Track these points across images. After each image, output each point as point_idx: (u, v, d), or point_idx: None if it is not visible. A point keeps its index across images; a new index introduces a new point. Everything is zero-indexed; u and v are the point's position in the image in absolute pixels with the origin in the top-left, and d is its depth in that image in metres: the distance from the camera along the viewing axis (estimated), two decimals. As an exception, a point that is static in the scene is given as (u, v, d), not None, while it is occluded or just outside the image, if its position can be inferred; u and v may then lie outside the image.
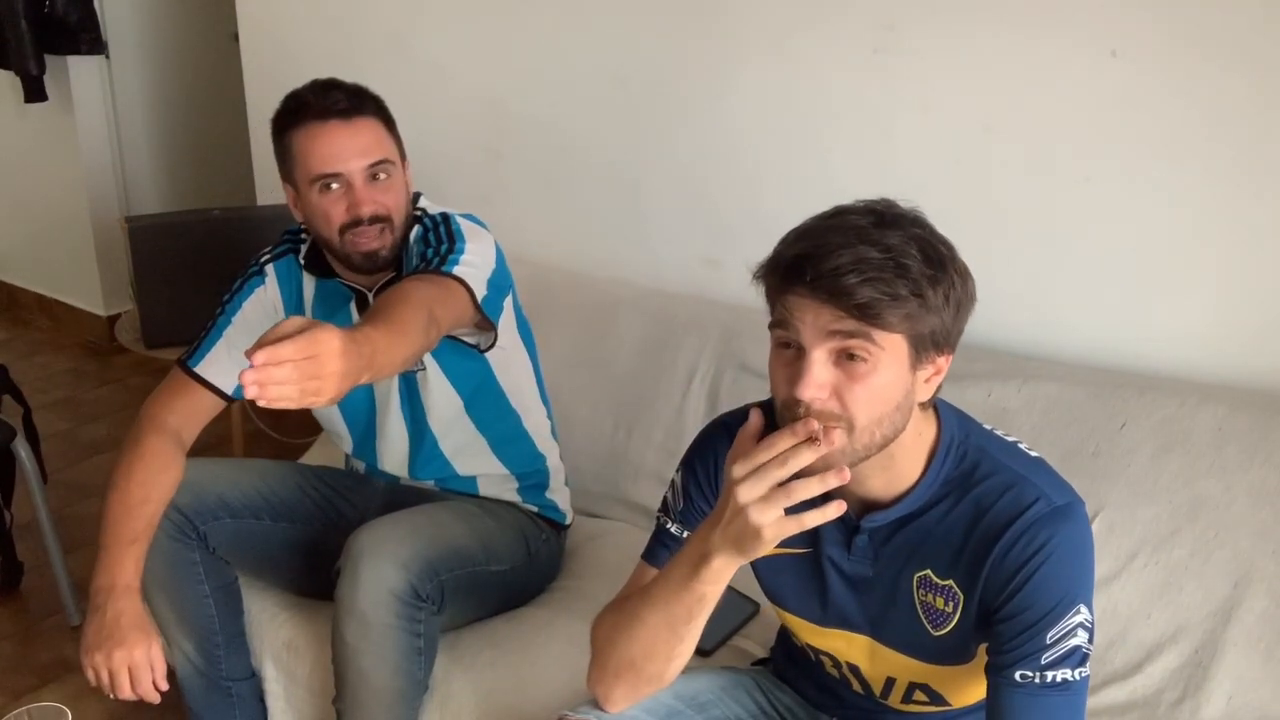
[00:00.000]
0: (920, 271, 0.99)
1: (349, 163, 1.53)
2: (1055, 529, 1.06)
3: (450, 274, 1.48)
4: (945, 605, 1.13)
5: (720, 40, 2.05)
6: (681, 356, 2.00)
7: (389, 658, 1.46)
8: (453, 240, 1.54)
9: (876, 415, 1.02)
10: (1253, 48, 1.58)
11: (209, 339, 1.65)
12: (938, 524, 1.12)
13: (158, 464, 1.55)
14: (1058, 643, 1.05)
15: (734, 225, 2.10)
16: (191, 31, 3.69)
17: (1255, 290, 1.67)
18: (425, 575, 1.47)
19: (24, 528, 2.41)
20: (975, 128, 1.82)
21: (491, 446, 1.74)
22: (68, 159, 3.53)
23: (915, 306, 0.99)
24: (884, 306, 0.98)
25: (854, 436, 1.02)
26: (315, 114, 1.53)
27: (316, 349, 1.01)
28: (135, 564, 1.50)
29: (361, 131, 1.54)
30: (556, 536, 1.80)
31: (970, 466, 1.12)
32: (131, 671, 1.45)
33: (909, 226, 1.02)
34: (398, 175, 1.58)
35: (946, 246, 1.04)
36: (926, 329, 1.01)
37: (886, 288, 0.97)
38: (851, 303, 0.98)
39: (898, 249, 0.99)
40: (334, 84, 1.57)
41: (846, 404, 1.01)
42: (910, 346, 1.02)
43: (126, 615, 1.46)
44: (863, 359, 1.00)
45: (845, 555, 1.18)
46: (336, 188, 1.53)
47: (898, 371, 1.02)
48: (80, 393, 3.39)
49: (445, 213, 1.62)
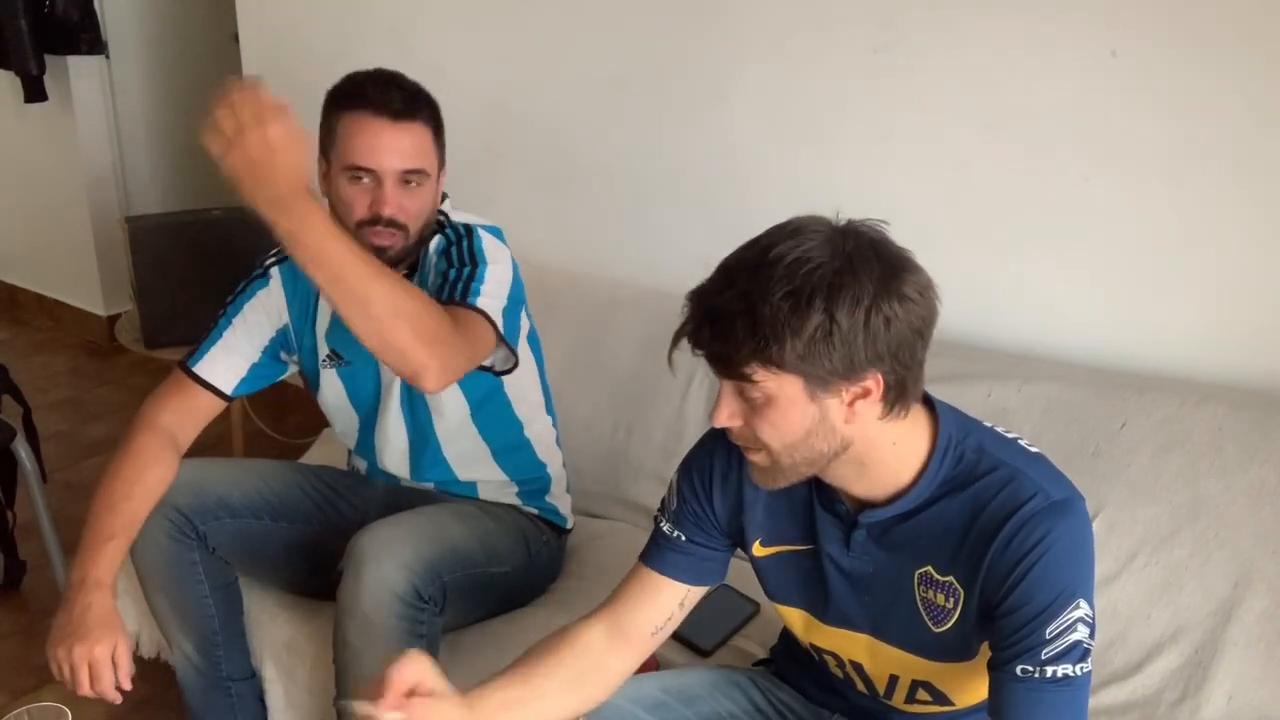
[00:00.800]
0: (775, 317, 0.99)
1: (385, 162, 1.52)
2: (1054, 523, 1.06)
3: (474, 307, 1.48)
4: (946, 601, 1.14)
5: (720, 40, 2.05)
6: (681, 357, 2.00)
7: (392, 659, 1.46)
8: (475, 263, 1.53)
9: (788, 442, 1.07)
10: (1253, 47, 1.58)
11: (209, 340, 1.65)
12: (937, 520, 1.12)
13: (144, 462, 1.56)
14: (1058, 637, 1.05)
15: (734, 225, 2.08)
16: (191, 31, 3.69)
17: (1255, 290, 1.67)
18: (428, 577, 1.47)
19: (24, 528, 2.41)
20: (975, 128, 1.82)
21: (494, 454, 1.74)
22: (68, 159, 3.53)
23: (773, 353, 1.00)
24: (729, 358, 1.02)
25: (775, 459, 1.09)
26: (369, 105, 1.52)
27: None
28: (110, 560, 1.50)
29: (406, 135, 1.53)
30: (557, 539, 1.80)
31: (969, 465, 1.12)
32: (91, 668, 1.43)
33: (793, 264, 1.00)
34: (429, 185, 1.57)
35: (842, 275, 0.99)
36: (805, 366, 1.01)
37: (730, 339, 1.01)
38: (706, 353, 1.04)
39: (757, 295, 1.00)
40: (396, 80, 1.56)
41: (755, 431, 1.07)
42: (802, 381, 1.02)
43: (93, 610, 1.45)
44: (753, 395, 1.04)
45: (844, 552, 1.18)
46: (367, 182, 1.52)
47: (795, 404, 1.04)
48: (80, 393, 3.39)
49: (469, 225, 1.61)
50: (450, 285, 1.51)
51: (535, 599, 1.76)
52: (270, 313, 1.67)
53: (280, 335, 1.69)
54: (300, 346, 1.70)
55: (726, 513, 1.24)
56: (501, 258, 1.59)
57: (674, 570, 1.25)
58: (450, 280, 1.52)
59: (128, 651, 1.46)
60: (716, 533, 1.26)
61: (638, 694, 1.27)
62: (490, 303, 1.51)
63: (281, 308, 1.68)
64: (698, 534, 1.25)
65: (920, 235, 1.08)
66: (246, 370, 1.66)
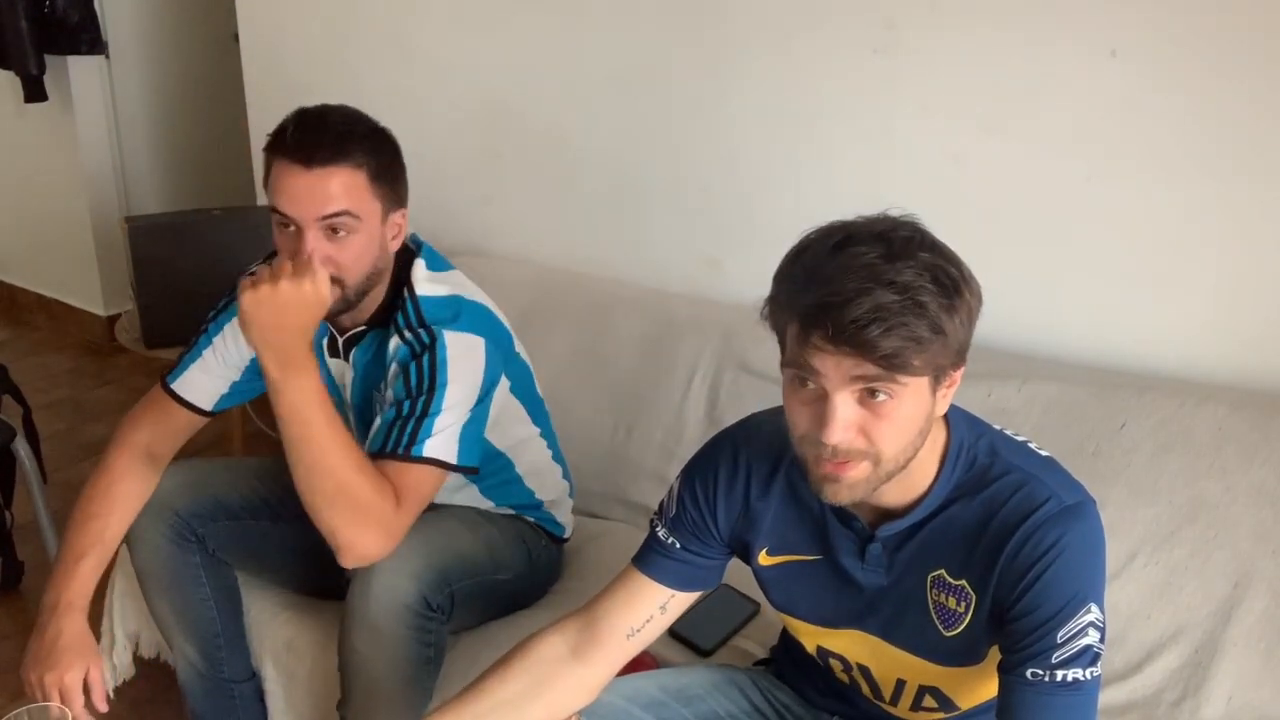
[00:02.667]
0: (938, 306, 0.97)
1: (301, 210, 1.40)
2: (1066, 528, 1.06)
3: (419, 458, 1.43)
4: (958, 605, 1.13)
5: (720, 40, 2.05)
6: (681, 356, 2.00)
7: (400, 668, 1.45)
8: (432, 390, 1.45)
9: (903, 444, 1.03)
10: (1253, 47, 1.58)
11: (188, 357, 1.62)
12: (951, 525, 1.12)
13: (113, 478, 1.56)
14: (1069, 642, 1.05)
15: (734, 225, 2.10)
16: (191, 31, 3.69)
17: (1255, 290, 1.67)
18: (437, 586, 1.47)
19: (24, 528, 2.41)
20: (975, 128, 1.82)
21: (482, 492, 1.70)
22: (68, 159, 3.52)
23: (939, 345, 0.98)
24: (909, 354, 0.96)
25: (879, 466, 1.03)
26: (284, 149, 1.41)
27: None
28: (82, 580, 1.50)
29: (323, 180, 1.39)
30: (556, 545, 1.80)
31: (981, 469, 1.12)
32: (62, 694, 1.44)
33: (918, 253, 0.98)
34: (362, 232, 1.43)
35: (955, 264, 1.00)
36: (947, 357, 1.00)
37: (909, 333, 0.95)
38: (877, 354, 0.96)
39: (914, 287, 0.96)
40: (323, 121, 1.43)
41: (873, 439, 1.01)
42: (932, 375, 1.01)
43: (64, 636, 1.45)
44: (887, 396, 0.99)
45: (859, 564, 1.17)
46: (292, 230, 1.43)
47: (921, 400, 1.02)
48: (80, 393, 3.39)
49: (434, 330, 1.48)
50: (401, 426, 1.44)
51: (535, 602, 1.76)
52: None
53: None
54: None
55: (731, 523, 1.23)
56: (468, 363, 1.49)
57: (661, 574, 1.23)
58: (403, 416, 1.45)
59: (100, 674, 1.46)
60: (715, 543, 1.24)
61: (636, 693, 1.27)
62: (440, 442, 1.44)
63: None
64: (694, 543, 1.24)
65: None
66: (227, 388, 1.64)
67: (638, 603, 1.23)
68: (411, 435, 1.44)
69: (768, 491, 1.20)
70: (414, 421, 1.44)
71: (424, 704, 1.51)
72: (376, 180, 1.44)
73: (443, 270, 1.58)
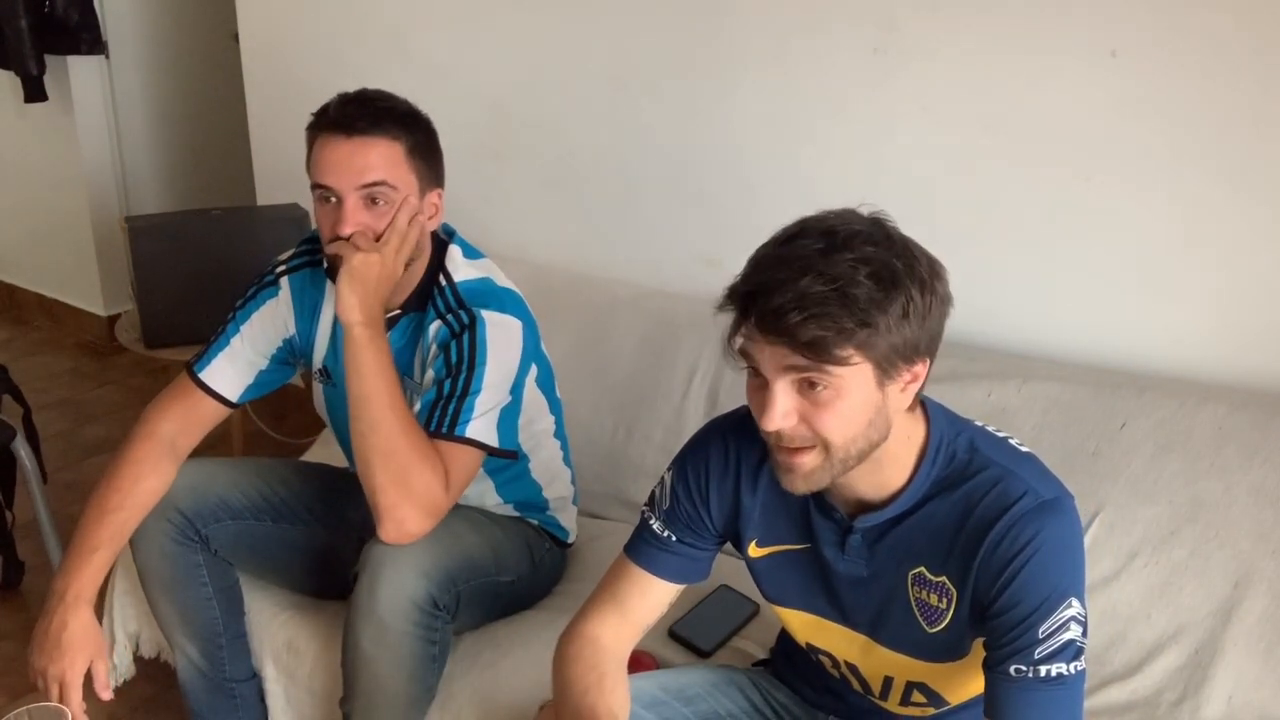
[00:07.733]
0: (869, 298, 0.97)
1: (341, 179, 1.46)
2: (1043, 523, 1.07)
3: (462, 438, 1.47)
4: (939, 601, 1.14)
5: (720, 41, 2.05)
6: (681, 356, 2.00)
7: (405, 665, 1.46)
8: (472, 368, 1.49)
9: (850, 435, 1.04)
10: (1253, 47, 1.58)
11: (216, 345, 1.64)
12: (929, 521, 1.13)
13: (140, 472, 1.56)
14: (1050, 636, 1.05)
15: (734, 225, 2.10)
16: (191, 31, 3.69)
17: (1255, 290, 1.67)
18: (444, 585, 1.47)
19: (24, 528, 2.41)
20: (975, 128, 1.82)
21: (496, 487, 1.71)
22: (68, 159, 3.52)
23: (865, 335, 0.98)
24: (829, 343, 0.98)
25: (830, 456, 1.05)
26: (327, 124, 1.49)
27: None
28: (93, 573, 1.51)
29: (363, 150, 1.46)
30: (559, 549, 1.80)
31: (961, 465, 1.12)
32: (62, 688, 1.46)
33: (860, 246, 0.99)
34: (402, 205, 1.50)
35: (908, 260, 1.01)
36: (886, 349, 1.00)
37: (831, 323, 0.97)
38: (797, 342, 0.98)
39: (844, 277, 0.97)
40: (362, 97, 1.51)
41: (816, 428, 1.03)
42: (874, 367, 1.01)
43: (69, 628, 1.47)
44: (824, 387, 1.01)
45: (840, 555, 1.18)
46: (332, 201, 1.49)
47: (864, 392, 1.02)
48: (80, 393, 3.39)
49: (473, 312, 1.53)
50: (443, 407, 1.48)
51: (537, 603, 1.76)
52: (278, 322, 1.66)
53: (286, 344, 1.68)
54: (303, 354, 1.70)
55: (723, 514, 1.24)
56: (506, 344, 1.54)
57: (666, 571, 1.26)
58: (444, 396, 1.49)
59: (104, 666, 1.48)
60: (708, 534, 1.25)
61: (637, 693, 1.27)
62: (481, 424, 1.48)
63: (289, 318, 1.66)
64: (688, 534, 1.25)
65: (920, 234, 1.08)
66: (253, 377, 1.66)
67: (656, 600, 1.27)
68: (454, 416, 1.48)
69: (756, 481, 1.22)
70: (455, 401, 1.48)
71: (427, 702, 1.52)
72: (413, 155, 1.51)
73: (476, 258, 1.64)
